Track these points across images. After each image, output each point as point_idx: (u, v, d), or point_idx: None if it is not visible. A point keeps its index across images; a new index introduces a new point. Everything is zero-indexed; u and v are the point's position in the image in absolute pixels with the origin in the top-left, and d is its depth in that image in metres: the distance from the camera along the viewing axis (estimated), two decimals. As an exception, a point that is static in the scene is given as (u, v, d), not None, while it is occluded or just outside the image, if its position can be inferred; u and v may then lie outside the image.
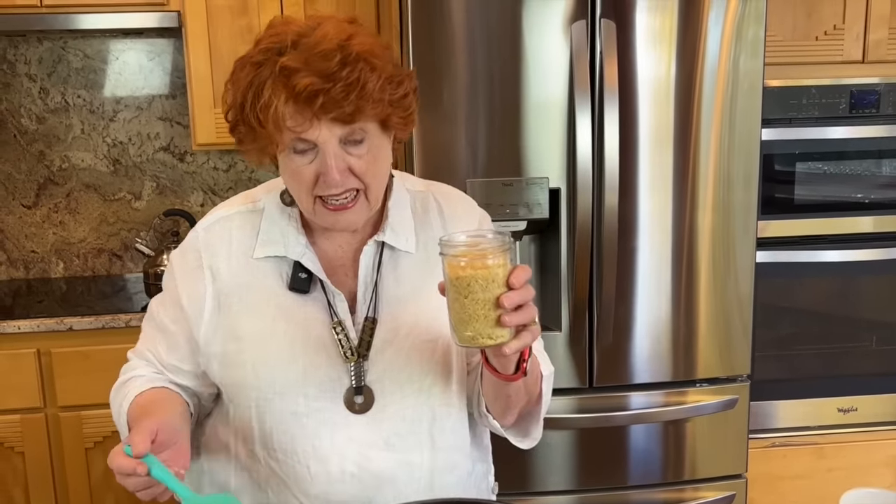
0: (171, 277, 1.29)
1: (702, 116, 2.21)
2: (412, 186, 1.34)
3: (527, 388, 1.20)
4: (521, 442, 1.31)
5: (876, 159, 2.56)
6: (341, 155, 1.14)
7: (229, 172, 3.04)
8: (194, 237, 1.29)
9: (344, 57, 1.10)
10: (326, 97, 1.08)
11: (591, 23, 2.14)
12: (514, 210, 2.16)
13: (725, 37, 2.19)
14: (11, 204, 2.97)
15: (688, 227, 2.26)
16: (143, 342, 1.34)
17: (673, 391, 2.34)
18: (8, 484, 2.52)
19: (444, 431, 1.27)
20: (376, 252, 1.26)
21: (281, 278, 1.24)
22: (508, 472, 1.49)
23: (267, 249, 1.24)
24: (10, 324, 2.44)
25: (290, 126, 1.11)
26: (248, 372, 1.22)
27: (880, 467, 2.65)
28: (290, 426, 1.22)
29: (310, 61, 1.09)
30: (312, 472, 1.22)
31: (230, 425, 1.29)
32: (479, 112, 2.15)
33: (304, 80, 1.08)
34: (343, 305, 1.23)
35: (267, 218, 1.27)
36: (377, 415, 1.23)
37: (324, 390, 1.22)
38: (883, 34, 2.53)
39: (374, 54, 1.13)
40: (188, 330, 1.26)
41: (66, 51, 2.91)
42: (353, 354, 1.22)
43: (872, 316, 2.69)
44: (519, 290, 1.02)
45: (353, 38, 1.12)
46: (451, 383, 1.27)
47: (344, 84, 1.09)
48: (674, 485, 2.39)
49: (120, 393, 1.30)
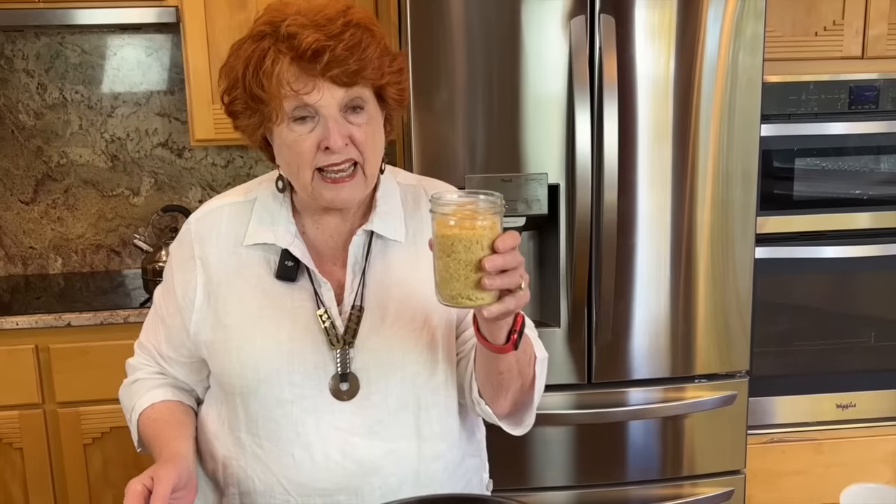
0: (170, 268, 1.33)
1: (701, 112, 2.21)
2: (403, 180, 1.36)
3: (519, 368, 1.19)
4: (514, 429, 1.31)
5: (875, 155, 2.56)
6: (342, 122, 1.17)
7: (227, 168, 3.04)
8: (187, 228, 1.32)
9: (346, 21, 1.15)
10: (331, 55, 1.12)
11: (590, 18, 2.13)
12: (512, 206, 2.16)
13: (725, 32, 2.19)
14: (9, 200, 2.97)
15: (687, 223, 2.26)
16: (146, 332, 1.38)
17: (671, 387, 2.34)
18: (6, 480, 2.52)
19: (430, 420, 1.27)
20: (365, 241, 1.27)
21: (268, 266, 1.26)
22: (507, 467, 1.49)
23: (257, 236, 1.26)
24: (9, 320, 2.44)
25: (294, 88, 1.13)
26: (233, 359, 1.24)
27: (879, 463, 2.65)
28: (276, 413, 1.24)
29: (313, 23, 1.14)
30: (297, 458, 1.23)
31: (218, 412, 1.31)
32: (477, 108, 2.15)
33: (309, 38, 1.12)
34: (329, 294, 1.24)
35: (259, 205, 1.29)
36: (362, 402, 1.24)
37: (309, 377, 1.23)
38: (882, 30, 2.53)
39: (374, 24, 1.19)
40: (182, 321, 1.29)
41: (63, 46, 2.91)
42: (339, 342, 1.23)
43: (871, 312, 2.69)
44: (503, 254, 1.01)
45: (351, 8, 1.18)
46: (437, 373, 1.27)
47: (347, 45, 1.13)
48: (672, 481, 2.39)
49: (129, 394, 1.37)
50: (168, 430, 1.28)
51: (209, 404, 1.35)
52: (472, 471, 1.37)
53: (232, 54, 1.20)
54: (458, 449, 1.33)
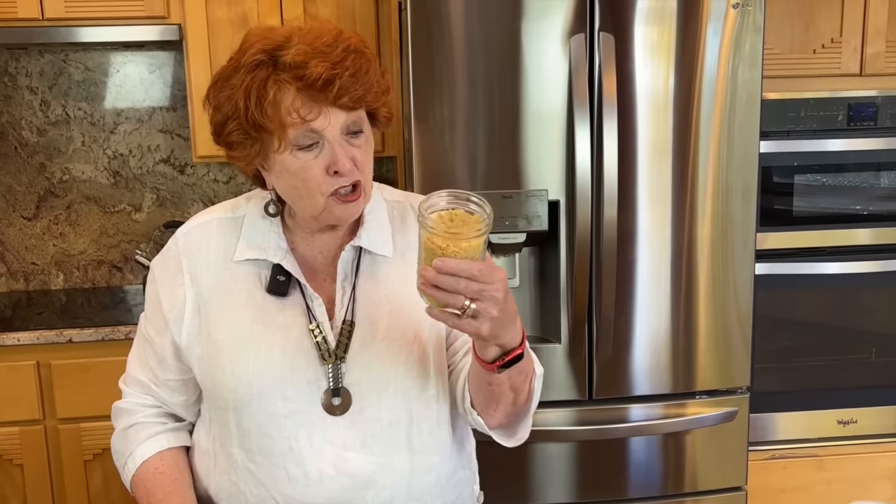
0: (153, 283, 1.32)
1: (700, 128, 2.22)
2: (390, 196, 1.37)
3: (511, 384, 1.19)
4: (507, 440, 1.31)
5: (874, 171, 2.57)
6: (346, 145, 1.18)
7: (229, 184, 3.05)
8: (174, 243, 1.31)
9: (346, 47, 1.16)
10: (341, 83, 1.13)
11: (589, 36, 2.15)
12: (513, 222, 2.17)
13: (724, 49, 2.20)
14: (12, 216, 2.98)
15: (687, 239, 2.26)
16: (135, 366, 1.36)
17: (672, 403, 2.34)
18: (7, 496, 2.51)
19: (422, 434, 1.28)
20: (354, 257, 1.28)
21: (259, 281, 1.26)
22: (508, 484, 1.49)
23: (247, 253, 1.27)
24: (10, 336, 2.44)
25: (301, 115, 1.13)
26: (226, 374, 1.24)
27: (880, 480, 2.64)
28: (269, 428, 1.24)
29: (316, 52, 1.13)
30: (290, 473, 1.23)
31: (209, 427, 1.31)
32: (478, 124, 2.16)
33: (317, 69, 1.12)
34: (321, 309, 1.25)
35: (248, 223, 1.29)
36: (355, 417, 1.24)
37: (302, 392, 1.23)
38: (880, 47, 2.54)
39: (365, 45, 1.20)
40: (170, 336, 1.29)
41: (67, 63, 2.92)
42: (331, 356, 1.24)
43: (872, 328, 2.69)
44: (438, 270, 1.03)
45: (342, 32, 1.19)
46: (429, 386, 1.28)
47: (352, 72, 1.14)
48: (673, 497, 2.39)
49: (124, 441, 1.35)
50: (170, 491, 1.29)
51: (200, 426, 1.34)
52: (463, 483, 1.37)
53: (221, 87, 1.18)
54: (450, 461, 1.33)
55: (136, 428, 1.34)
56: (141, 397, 1.36)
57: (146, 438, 1.33)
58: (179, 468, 1.32)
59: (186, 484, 1.31)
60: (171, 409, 1.36)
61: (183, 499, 1.29)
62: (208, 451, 1.31)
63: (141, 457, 1.31)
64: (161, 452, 1.32)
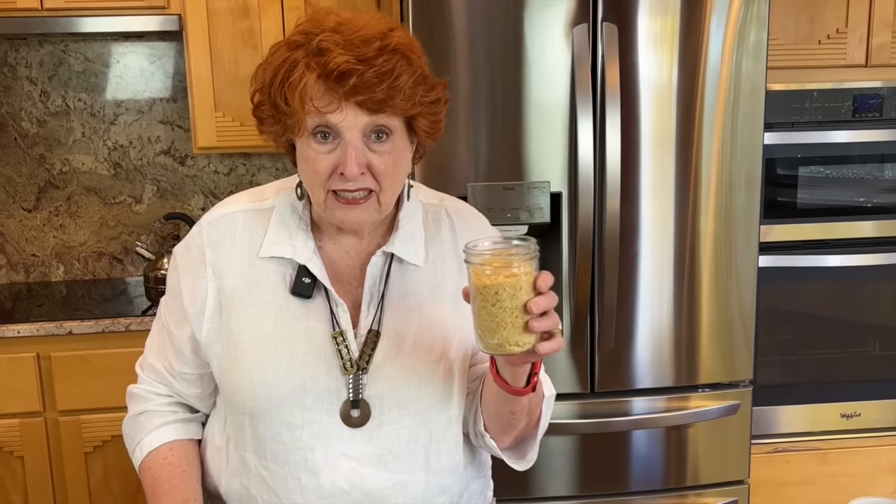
0: (175, 272, 1.28)
1: (704, 120, 2.21)
2: (425, 198, 1.32)
3: (529, 407, 1.18)
4: (517, 464, 1.29)
5: (879, 163, 2.55)
6: (363, 149, 1.13)
7: (230, 176, 3.04)
8: (198, 232, 1.27)
9: (383, 45, 1.10)
10: (359, 79, 1.08)
11: (592, 26, 2.13)
12: (515, 214, 2.15)
13: (728, 40, 2.18)
14: (12, 207, 2.97)
15: (690, 232, 2.25)
16: (153, 352, 1.33)
17: (675, 396, 2.33)
18: (7, 489, 2.51)
19: (440, 454, 1.25)
20: (385, 263, 1.24)
21: (284, 281, 1.22)
22: (509, 478, 1.47)
23: (274, 249, 1.22)
24: (10, 328, 2.44)
25: (317, 105, 1.10)
26: (245, 379, 1.21)
27: (884, 473, 2.64)
28: (284, 436, 1.20)
29: (347, 43, 1.09)
30: (303, 484, 1.21)
31: (224, 428, 1.29)
32: (480, 116, 2.14)
33: (337, 59, 1.08)
34: (346, 316, 1.21)
35: (276, 218, 1.25)
36: (373, 431, 1.21)
37: (321, 402, 1.20)
38: (886, 38, 2.52)
39: (413, 51, 1.14)
40: (189, 330, 1.25)
41: (66, 54, 2.91)
42: (353, 367, 1.20)
43: (875, 321, 2.68)
44: (545, 296, 1.03)
45: (394, 31, 1.13)
46: (451, 406, 1.25)
47: (378, 71, 1.09)
48: (676, 490, 2.38)
49: (134, 428, 1.33)
50: (176, 483, 1.27)
51: (214, 420, 1.32)
52: (476, 494, 1.35)
53: (270, 55, 1.16)
54: (463, 480, 1.31)
55: (147, 416, 1.32)
56: (155, 385, 1.33)
57: (154, 428, 1.31)
58: (188, 460, 1.30)
59: (194, 477, 1.29)
60: (185, 400, 1.33)
61: (187, 492, 1.27)
62: (221, 449, 1.29)
63: (148, 446, 1.29)
64: (171, 443, 1.30)
